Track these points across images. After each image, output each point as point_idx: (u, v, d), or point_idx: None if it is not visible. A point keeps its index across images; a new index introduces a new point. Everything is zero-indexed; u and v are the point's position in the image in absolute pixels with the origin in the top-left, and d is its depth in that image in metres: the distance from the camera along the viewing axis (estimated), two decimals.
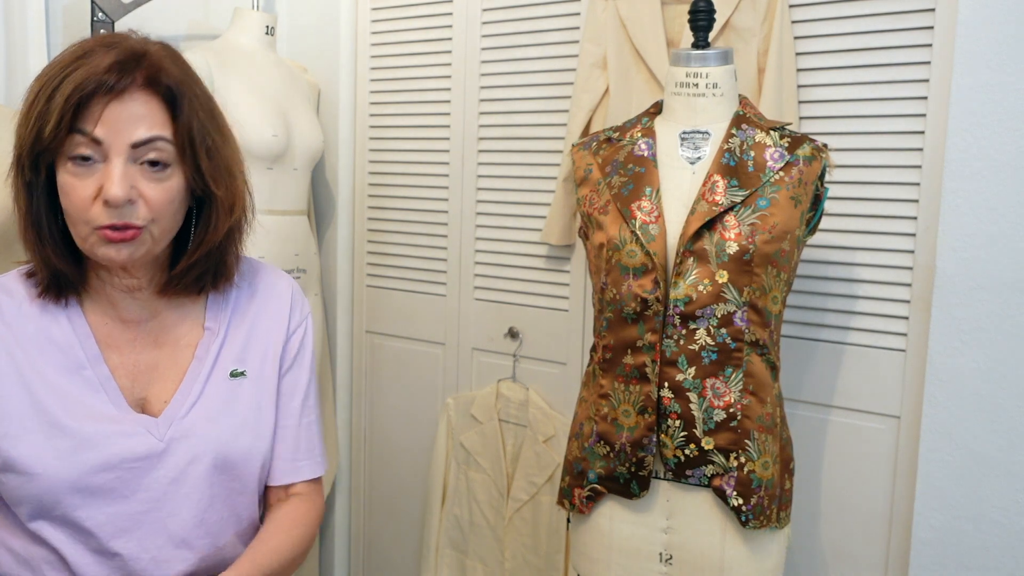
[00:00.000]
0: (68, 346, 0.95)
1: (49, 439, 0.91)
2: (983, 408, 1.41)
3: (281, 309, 1.08)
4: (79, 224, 0.89)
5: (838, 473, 1.60)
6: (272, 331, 1.07)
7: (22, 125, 0.88)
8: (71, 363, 0.95)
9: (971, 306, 1.41)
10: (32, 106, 0.87)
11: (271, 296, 1.08)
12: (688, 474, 1.27)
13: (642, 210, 1.27)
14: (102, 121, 0.86)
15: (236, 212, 0.99)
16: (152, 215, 0.90)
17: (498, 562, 1.94)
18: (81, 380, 0.94)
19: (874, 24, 1.50)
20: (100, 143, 0.87)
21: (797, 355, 1.61)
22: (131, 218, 0.89)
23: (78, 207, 0.88)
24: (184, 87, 0.92)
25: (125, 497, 0.94)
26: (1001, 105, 1.36)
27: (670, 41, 1.65)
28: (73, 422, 0.92)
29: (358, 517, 2.31)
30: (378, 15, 2.14)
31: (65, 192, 0.88)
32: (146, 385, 0.98)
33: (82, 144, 0.86)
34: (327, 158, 2.18)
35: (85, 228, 0.89)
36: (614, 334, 1.30)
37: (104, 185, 0.86)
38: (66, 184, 0.88)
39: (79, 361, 0.95)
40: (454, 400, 2.03)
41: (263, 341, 1.05)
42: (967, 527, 1.44)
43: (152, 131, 0.89)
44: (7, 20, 1.76)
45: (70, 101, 0.85)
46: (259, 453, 1.02)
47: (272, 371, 1.05)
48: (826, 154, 1.30)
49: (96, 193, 0.87)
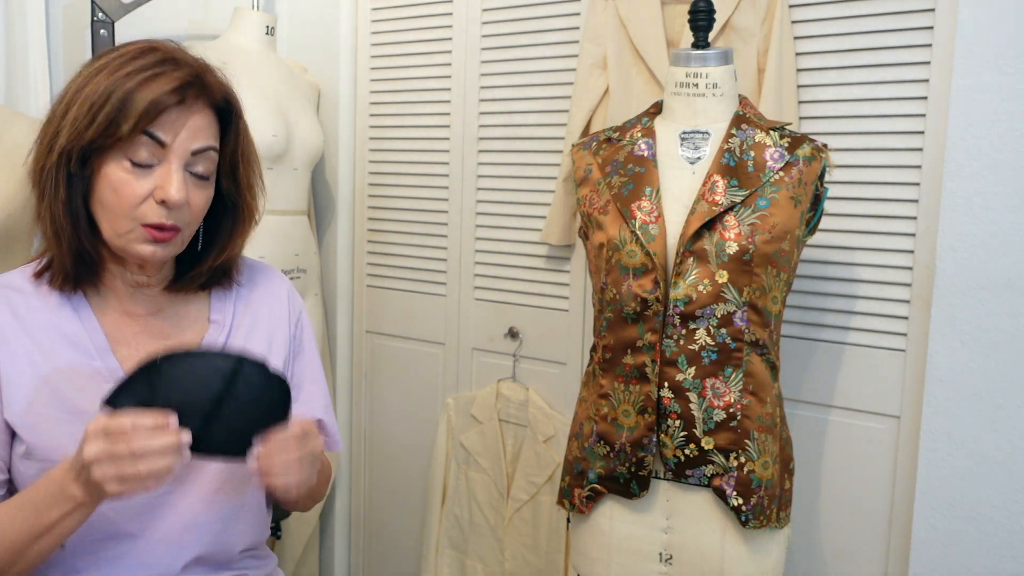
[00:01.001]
0: (78, 339, 0.98)
1: (67, 426, 0.94)
2: (983, 408, 1.41)
3: (281, 304, 1.14)
4: (123, 219, 0.93)
5: (838, 473, 1.60)
6: (274, 325, 1.12)
7: (79, 119, 0.91)
8: (81, 355, 0.98)
9: (971, 306, 1.41)
10: (99, 106, 0.90)
11: (269, 292, 1.14)
12: (688, 474, 1.27)
13: (642, 210, 1.27)
14: (172, 127, 0.93)
15: (255, 222, 1.07)
16: (191, 219, 0.98)
17: (498, 562, 1.94)
18: (92, 371, 0.97)
19: (874, 24, 1.50)
20: (164, 147, 0.93)
21: (797, 355, 1.61)
22: (177, 220, 0.95)
23: (130, 203, 0.92)
24: (234, 105, 1.01)
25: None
26: (1001, 105, 1.36)
27: (670, 41, 1.65)
28: (89, 407, 0.95)
29: (358, 517, 2.31)
30: (378, 15, 2.14)
31: (115, 188, 0.92)
32: None
33: (146, 146, 0.92)
34: (327, 158, 2.18)
35: (129, 223, 0.93)
36: (614, 334, 1.30)
37: (163, 187, 0.93)
38: (118, 180, 0.92)
39: (89, 353, 0.98)
40: (454, 400, 2.03)
41: (266, 334, 1.10)
42: (967, 527, 1.44)
43: (208, 142, 0.97)
44: (7, 20, 1.76)
45: (153, 108, 0.90)
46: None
47: (277, 363, 1.09)
48: (826, 154, 1.30)
49: (150, 192, 0.93)
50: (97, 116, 0.90)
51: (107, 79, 0.91)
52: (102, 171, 0.93)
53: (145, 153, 0.92)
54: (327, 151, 2.17)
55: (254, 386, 0.88)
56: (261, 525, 1.11)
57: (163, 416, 0.83)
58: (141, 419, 0.82)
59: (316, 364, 1.17)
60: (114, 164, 0.92)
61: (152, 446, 0.81)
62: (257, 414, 0.89)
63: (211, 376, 0.86)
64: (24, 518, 0.89)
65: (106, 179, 0.93)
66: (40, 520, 0.88)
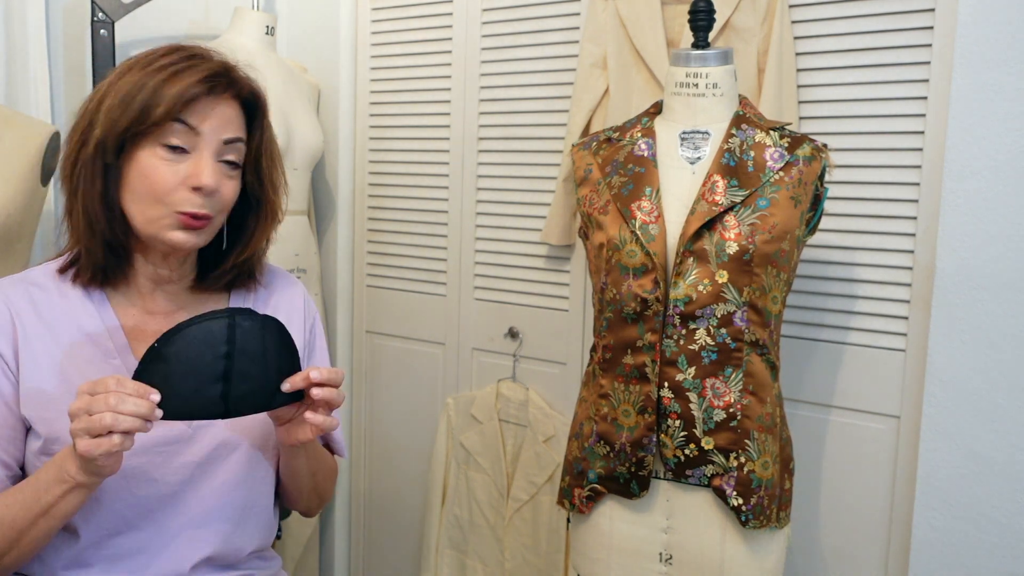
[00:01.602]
0: (98, 336, 0.99)
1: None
2: (983, 408, 1.41)
3: (296, 311, 1.16)
4: (156, 206, 0.96)
5: (838, 473, 1.60)
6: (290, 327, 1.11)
7: (113, 108, 0.94)
8: (101, 353, 0.99)
9: (971, 306, 1.41)
10: (133, 95, 0.93)
11: (286, 298, 1.16)
12: (688, 474, 1.27)
13: (642, 210, 1.27)
14: (204, 116, 0.96)
15: (279, 219, 1.09)
16: (221, 208, 1.00)
17: (498, 562, 1.95)
18: (111, 369, 0.99)
19: (874, 24, 1.50)
20: (198, 135, 0.96)
21: (797, 355, 1.61)
22: (210, 208, 0.98)
23: (163, 189, 0.95)
24: (260, 100, 1.04)
25: (155, 480, 0.99)
26: (1001, 105, 1.36)
27: (670, 41, 1.65)
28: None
29: (358, 517, 2.31)
30: (378, 15, 2.14)
31: (148, 174, 0.95)
32: None
33: (181, 133, 0.95)
34: (327, 158, 2.18)
35: (162, 210, 0.96)
36: (614, 334, 1.30)
37: (196, 173, 0.95)
38: (152, 167, 0.95)
39: (108, 351, 0.99)
40: (454, 400, 2.03)
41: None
42: (967, 527, 1.44)
43: (237, 133, 1.00)
44: (7, 20, 1.76)
45: (186, 93, 0.94)
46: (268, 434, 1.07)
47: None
48: (826, 154, 1.30)
49: (182, 180, 0.95)
50: (131, 105, 0.93)
51: (139, 74, 0.95)
52: (136, 160, 0.95)
53: (177, 139, 0.95)
54: (327, 151, 2.17)
55: (254, 333, 0.90)
56: (269, 527, 1.12)
57: (146, 387, 0.85)
58: (125, 381, 0.84)
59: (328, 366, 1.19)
60: (148, 152, 0.95)
61: (125, 405, 0.83)
62: (269, 358, 0.92)
63: (211, 339, 0.88)
64: (24, 499, 0.90)
65: (139, 167, 0.95)
66: (39, 500, 0.89)
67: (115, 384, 0.83)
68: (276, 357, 0.92)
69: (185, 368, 0.87)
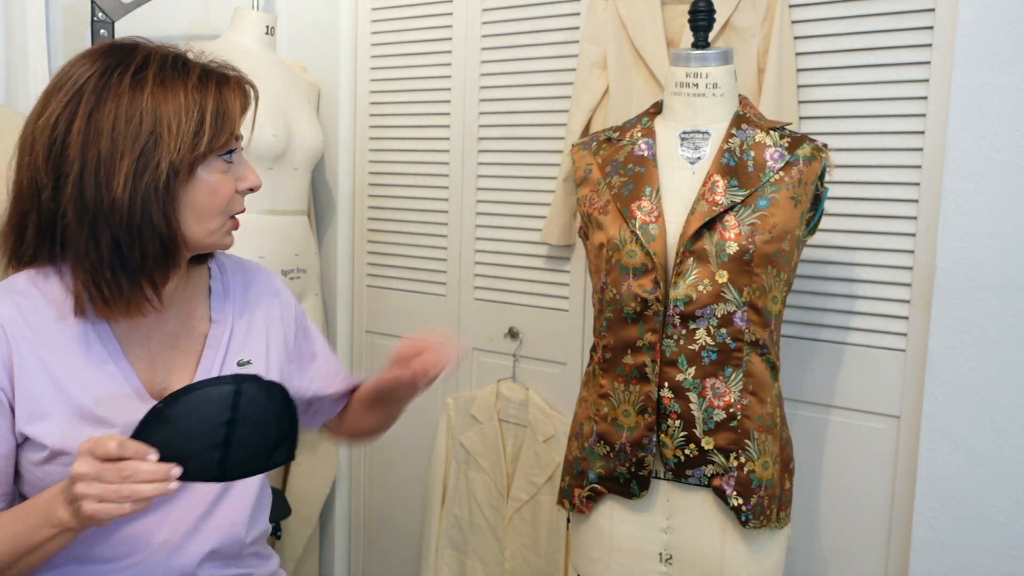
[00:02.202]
0: (88, 343, 0.98)
1: (86, 429, 0.94)
2: (983, 408, 1.41)
3: (274, 301, 1.16)
4: (218, 217, 0.98)
5: (838, 473, 1.60)
6: (270, 322, 1.14)
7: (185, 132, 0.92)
8: (94, 359, 0.98)
9: (971, 306, 1.41)
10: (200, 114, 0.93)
11: (263, 291, 1.16)
12: (688, 474, 1.27)
13: (642, 210, 1.27)
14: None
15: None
16: None
17: (498, 562, 1.94)
18: (104, 375, 0.97)
19: (874, 24, 1.50)
20: (238, 139, 0.99)
21: (797, 355, 1.61)
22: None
23: (226, 199, 0.98)
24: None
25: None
26: (1001, 105, 1.36)
27: (670, 41, 1.65)
28: (107, 414, 0.96)
29: (358, 517, 2.31)
30: (378, 15, 2.14)
31: (215, 189, 0.97)
32: (166, 376, 1.02)
33: (232, 142, 0.98)
34: (327, 158, 2.18)
35: (222, 219, 0.99)
36: (614, 334, 1.30)
37: (245, 176, 1.00)
38: (218, 182, 0.97)
39: (101, 357, 0.98)
40: (454, 400, 2.03)
41: (263, 331, 1.12)
42: (967, 527, 1.44)
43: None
44: (7, 20, 1.76)
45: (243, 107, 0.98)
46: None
47: (275, 359, 1.12)
48: (826, 154, 1.30)
49: (235, 185, 0.99)
50: (199, 128, 0.93)
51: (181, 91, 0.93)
52: (198, 177, 0.95)
53: (233, 145, 0.98)
54: (327, 151, 2.17)
55: (259, 402, 0.89)
56: (265, 513, 1.14)
57: (146, 447, 0.83)
58: (127, 443, 0.83)
59: (323, 340, 1.24)
60: (210, 167, 0.96)
61: (140, 471, 0.82)
62: (270, 425, 0.91)
63: (216, 406, 0.87)
64: (11, 537, 0.89)
65: (205, 183, 0.96)
66: (26, 540, 0.89)
67: (117, 448, 0.82)
68: (276, 425, 0.91)
69: (186, 433, 0.86)
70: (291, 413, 0.93)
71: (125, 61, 0.94)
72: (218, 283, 1.10)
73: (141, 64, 0.94)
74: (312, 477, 2.17)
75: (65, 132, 0.91)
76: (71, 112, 0.91)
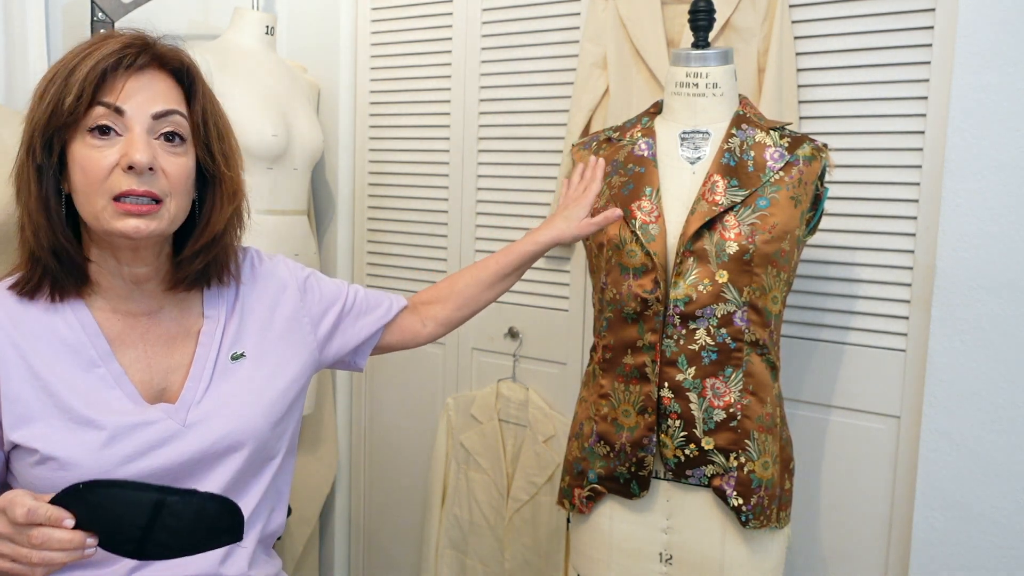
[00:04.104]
0: (79, 345, 0.97)
1: (77, 434, 0.93)
2: (983, 408, 1.41)
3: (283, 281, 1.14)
4: (96, 196, 0.91)
5: (838, 473, 1.60)
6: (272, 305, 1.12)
7: (35, 108, 0.92)
8: (84, 362, 0.96)
9: (971, 306, 1.41)
10: (47, 89, 0.91)
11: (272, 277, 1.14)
12: (688, 474, 1.27)
13: (642, 210, 1.27)
14: (124, 93, 0.92)
15: (238, 198, 1.04)
16: (170, 188, 0.95)
17: (498, 562, 1.94)
18: (95, 378, 0.96)
19: (874, 24, 1.50)
20: (122, 113, 0.92)
21: (797, 355, 1.61)
22: (151, 186, 0.93)
23: (98, 176, 0.91)
24: (195, 72, 0.99)
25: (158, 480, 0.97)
26: (1001, 105, 1.36)
27: (670, 41, 1.65)
28: (97, 416, 0.94)
29: (358, 517, 2.31)
30: (378, 15, 2.14)
31: (82, 165, 0.91)
32: (164, 376, 1.01)
33: (104, 115, 0.91)
34: (327, 158, 2.18)
35: (102, 200, 0.91)
36: (614, 334, 1.30)
37: (128, 152, 0.91)
38: (84, 157, 0.91)
39: (91, 360, 0.97)
40: (454, 400, 2.03)
41: (259, 321, 1.10)
42: (967, 527, 1.44)
43: (170, 104, 0.95)
44: (7, 20, 1.76)
45: (92, 73, 0.90)
46: (269, 427, 1.06)
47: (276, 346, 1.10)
48: (826, 154, 1.30)
49: (116, 162, 0.91)
50: (44, 99, 0.91)
51: (57, 66, 0.93)
52: (70, 155, 0.93)
53: (106, 121, 0.91)
54: (327, 151, 2.17)
55: (183, 515, 0.85)
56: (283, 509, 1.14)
57: (60, 512, 0.81)
58: (38, 509, 0.80)
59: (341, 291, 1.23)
60: (79, 143, 0.92)
61: (52, 539, 0.80)
62: (195, 534, 0.87)
63: (134, 508, 0.83)
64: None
65: (74, 160, 0.92)
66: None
67: (26, 516, 0.79)
68: (207, 533, 0.87)
69: (102, 522, 0.83)
70: (230, 519, 0.87)
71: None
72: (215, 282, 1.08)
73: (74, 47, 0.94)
74: (312, 477, 2.18)
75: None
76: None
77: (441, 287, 1.33)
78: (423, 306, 1.32)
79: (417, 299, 1.33)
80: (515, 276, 1.34)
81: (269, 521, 1.09)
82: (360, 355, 1.25)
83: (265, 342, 1.09)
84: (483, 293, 1.32)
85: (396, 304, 1.28)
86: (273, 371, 1.08)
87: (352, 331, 1.21)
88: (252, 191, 1.08)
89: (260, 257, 1.16)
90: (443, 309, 1.31)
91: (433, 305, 1.32)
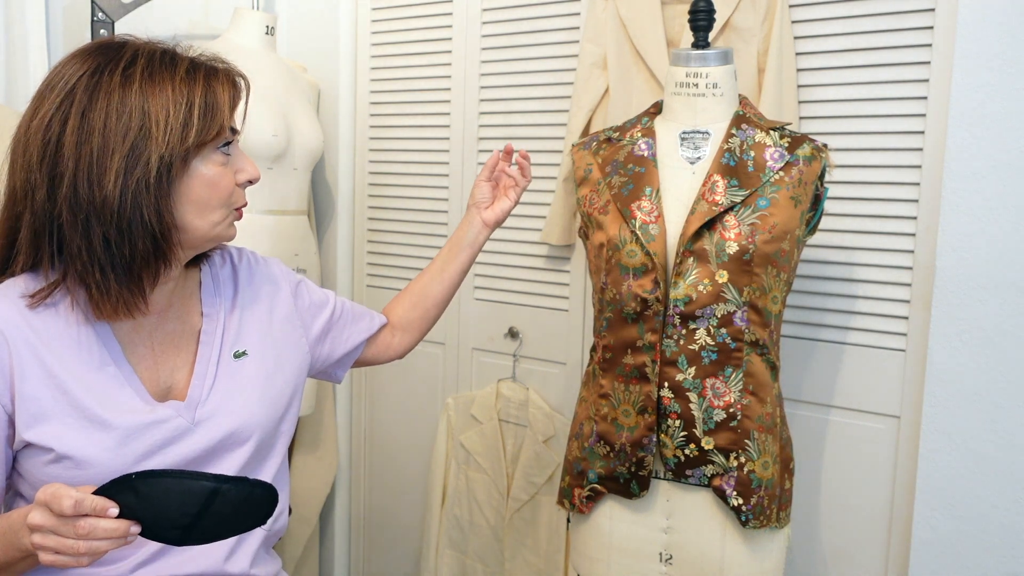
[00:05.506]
0: (90, 345, 0.98)
1: (91, 433, 0.94)
2: (983, 408, 1.41)
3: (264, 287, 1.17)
4: (220, 210, 0.99)
5: (838, 473, 1.60)
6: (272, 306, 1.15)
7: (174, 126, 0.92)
8: (95, 361, 0.98)
9: (971, 306, 1.41)
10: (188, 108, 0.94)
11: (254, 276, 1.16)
12: (688, 474, 1.27)
13: (642, 210, 1.27)
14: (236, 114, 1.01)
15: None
16: None
17: (498, 562, 1.94)
18: (106, 376, 0.97)
19: (874, 24, 1.50)
20: (235, 132, 1.01)
21: (797, 355, 1.61)
22: None
23: (227, 191, 0.99)
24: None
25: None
26: (1001, 105, 1.36)
27: (670, 41, 1.65)
28: (111, 415, 0.95)
29: (358, 517, 2.31)
30: (378, 15, 2.14)
31: (214, 182, 0.97)
32: (170, 375, 1.03)
33: (230, 136, 1.00)
34: (327, 158, 2.18)
35: (223, 212, 1.00)
36: (614, 334, 1.30)
37: (245, 168, 1.01)
38: (217, 174, 0.98)
39: (103, 359, 0.98)
40: (454, 400, 2.03)
41: (258, 319, 1.12)
42: (967, 527, 1.44)
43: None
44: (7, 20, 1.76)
45: (234, 98, 0.99)
46: (272, 423, 1.09)
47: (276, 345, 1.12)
48: (826, 154, 1.30)
49: (234, 178, 1.00)
50: (190, 118, 0.93)
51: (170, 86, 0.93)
52: (194, 170, 0.96)
53: (231, 139, 0.99)
54: (327, 151, 2.17)
55: (234, 502, 0.87)
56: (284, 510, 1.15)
57: (105, 502, 0.82)
58: (84, 500, 0.81)
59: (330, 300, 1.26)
60: (207, 160, 0.97)
61: (98, 528, 0.81)
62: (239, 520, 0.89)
63: (188, 499, 0.85)
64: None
65: (202, 177, 0.96)
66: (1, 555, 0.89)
67: (73, 507, 0.80)
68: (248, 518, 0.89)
69: (151, 509, 0.84)
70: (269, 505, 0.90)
71: (115, 59, 0.94)
72: (207, 277, 1.10)
73: (130, 60, 0.94)
74: (312, 477, 2.18)
75: (59, 132, 0.91)
76: (64, 112, 0.91)
77: (399, 294, 1.39)
78: (391, 318, 1.37)
79: (385, 312, 1.38)
80: (459, 263, 1.37)
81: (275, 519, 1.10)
82: (341, 366, 1.30)
83: (266, 341, 1.11)
84: (431, 285, 1.36)
85: (378, 319, 1.33)
86: (274, 368, 1.11)
87: (340, 339, 1.26)
88: (252, 191, 1.10)
89: (256, 259, 1.18)
90: (399, 309, 1.37)
91: (393, 312, 1.37)
